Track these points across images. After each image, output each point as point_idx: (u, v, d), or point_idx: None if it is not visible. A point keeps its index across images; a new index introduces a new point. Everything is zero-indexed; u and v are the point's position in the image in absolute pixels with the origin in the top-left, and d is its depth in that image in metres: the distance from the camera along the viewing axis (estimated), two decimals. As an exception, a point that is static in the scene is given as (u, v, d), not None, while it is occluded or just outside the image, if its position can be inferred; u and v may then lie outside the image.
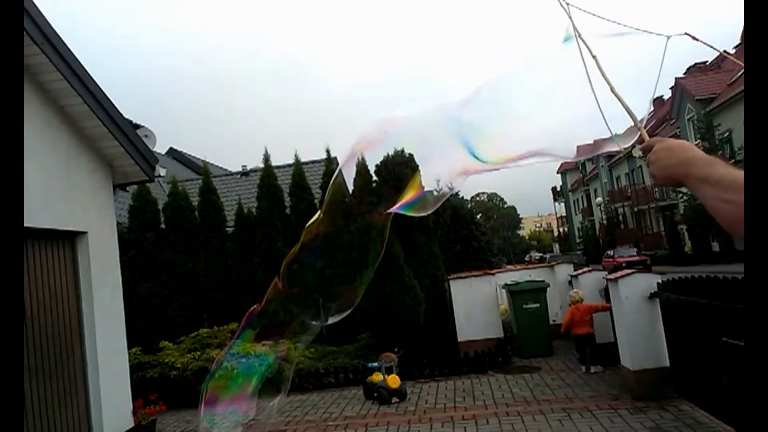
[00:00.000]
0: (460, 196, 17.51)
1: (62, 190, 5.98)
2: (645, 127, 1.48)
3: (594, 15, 1.73)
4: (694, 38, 1.64)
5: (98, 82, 6.21)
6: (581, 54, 1.58)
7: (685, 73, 35.11)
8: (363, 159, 13.84)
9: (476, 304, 10.23)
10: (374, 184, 12.17)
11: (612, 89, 1.54)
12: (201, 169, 12.99)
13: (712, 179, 1.07)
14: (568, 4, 1.65)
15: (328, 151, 12.93)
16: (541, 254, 57.94)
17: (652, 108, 43.39)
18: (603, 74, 1.54)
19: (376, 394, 7.68)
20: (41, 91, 5.79)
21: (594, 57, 1.58)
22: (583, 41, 1.61)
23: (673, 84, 32.22)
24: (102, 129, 6.38)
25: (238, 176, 18.53)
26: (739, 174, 1.00)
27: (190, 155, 28.13)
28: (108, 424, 6.21)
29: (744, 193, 0.94)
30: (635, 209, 39.45)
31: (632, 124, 1.49)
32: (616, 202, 41.78)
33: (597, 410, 6.22)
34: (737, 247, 23.72)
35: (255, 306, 1.81)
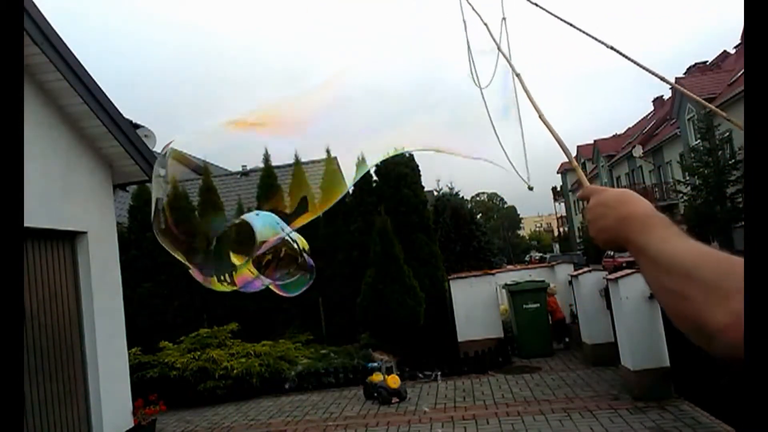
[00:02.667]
0: (461, 196, 17.44)
1: (62, 190, 5.98)
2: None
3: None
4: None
5: (98, 82, 6.21)
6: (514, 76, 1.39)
7: (685, 73, 35.12)
8: (363, 158, 13.84)
9: (476, 304, 10.23)
10: (374, 184, 12.19)
11: (541, 116, 1.27)
12: (201, 169, 12.99)
13: (649, 253, 0.84)
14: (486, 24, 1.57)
15: (328, 151, 12.89)
16: (541, 254, 57.87)
17: (653, 108, 43.39)
18: (530, 97, 1.30)
19: (376, 394, 7.68)
20: (41, 91, 5.79)
21: (518, 75, 1.36)
22: (507, 59, 1.42)
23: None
24: (102, 129, 6.38)
25: (238, 176, 18.52)
26: (682, 250, 0.80)
27: (190, 155, 28.11)
28: (108, 424, 6.21)
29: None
30: (635, 209, 39.31)
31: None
32: (616, 202, 41.66)
33: (597, 410, 6.22)
34: (737, 247, 23.72)
35: None
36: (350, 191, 12.90)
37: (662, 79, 1.82)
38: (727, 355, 0.74)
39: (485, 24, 1.57)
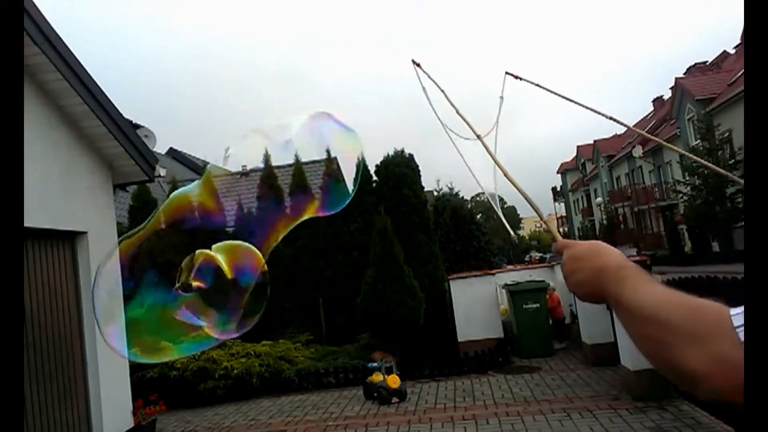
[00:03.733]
0: (461, 196, 17.44)
1: (62, 190, 5.98)
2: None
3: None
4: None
5: (98, 82, 6.21)
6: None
7: (685, 73, 35.12)
8: (363, 158, 13.89)
9: (476, 304, 10.23)
10: (374, 184, 12.18)
11: (506, 175, 1.33)
12: (201, 169, 12.98)
13: (623, 303, 0.87)
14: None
15: (328, 151, 12.90)
16: (541, 254, 57.82)
17: (653, 108, 43.37)
18: (493, 157, 1.36)
19: (376, 394, 7.68)
20: (41, 91, 5.79)
21: (478, 136, 1.45)
22: (469, 124, 1.51)
23: (673, 84, 32.22)
24: (102, 129, 6.38)
25: (238, 176, 18.51)
26: (651, 297, 0.83)
27: (190, 155, 28.10)
28: (108, 424, 6.21)
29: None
30: (635, 209, 39.45)
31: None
32: (616, 202, 41.78)
33: (597, 410, 6.22)
34: (737, 247, 23.73)
35: None
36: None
37: (651, 137, 1.85)
38: (714, 399, 0.74)
39: (442, 90, 1.63)
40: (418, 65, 1.70)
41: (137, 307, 1.63)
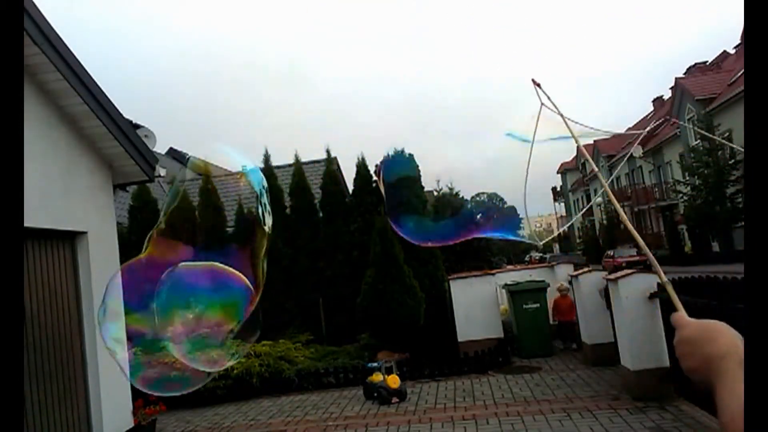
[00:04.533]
0: (461, 196, 17.44)
1: (62, 190, 5.98)
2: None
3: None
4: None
5: (98, 82, 6.21)
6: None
7: (685, 73, 35.14)
8: (363, 158, 13.82)
9: (476, 304, 10.22)
10: (374, 184, 12.18)
11: (623, 220, 1.55)
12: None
13: (717, 401, 0.86)
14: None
15: (328, 152, 12.95)
16: (541, 254, 57.81)
17: (653, 108, 43.38)
18: (608, 190, 1.57)
19: (376, 394, 7.68)
20: (41, 91, 5.79)
21: (597, 173, 1.64)
22: (587, 158, 1.66)
23: (673, 84, 32.23)
24: (102, 129, 6.38)
25: (239, 176, 18.49)
26: (734, 401, 0.80)
27: (190, 155, 28.07)
28: (108, 424, 6.21)
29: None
30: (635, 209, 39.46)
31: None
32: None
33: (597, 410, 6.21)
34: (737, 247, 23.72)
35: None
36: (350, 191, 12.92)
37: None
38: None
39: (562, 116, 1.65)
40: (539, 85, 1.71)
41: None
